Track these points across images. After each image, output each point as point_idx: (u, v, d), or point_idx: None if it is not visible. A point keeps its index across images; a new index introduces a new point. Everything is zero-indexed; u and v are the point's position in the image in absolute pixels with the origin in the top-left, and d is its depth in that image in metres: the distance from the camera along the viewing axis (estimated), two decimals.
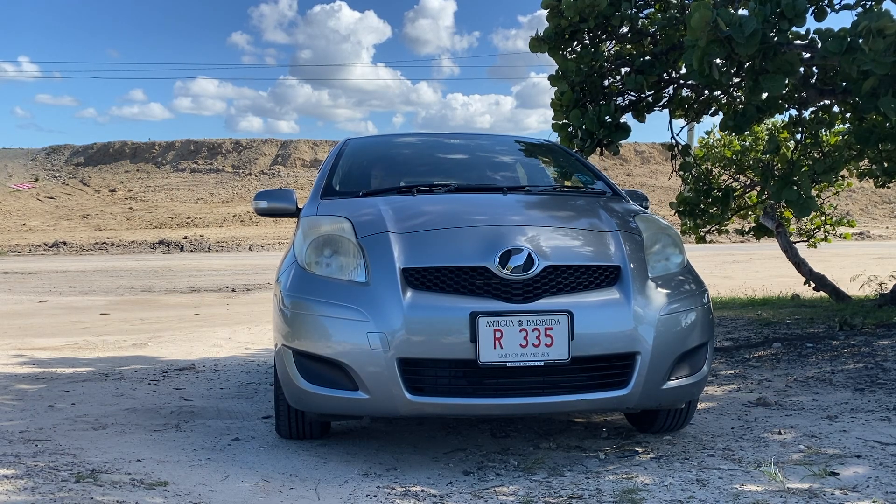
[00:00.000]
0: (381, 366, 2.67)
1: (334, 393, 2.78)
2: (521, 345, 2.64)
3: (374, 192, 3.54)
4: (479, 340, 2.63)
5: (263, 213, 3.74)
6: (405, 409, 2.70)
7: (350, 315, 2.74)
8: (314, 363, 2.82)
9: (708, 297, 3.12)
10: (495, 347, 2.63)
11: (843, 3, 4.44)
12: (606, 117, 5.17)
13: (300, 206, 3.70)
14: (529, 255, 2.77)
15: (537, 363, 2.65)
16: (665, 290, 2.92)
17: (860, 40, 3.85)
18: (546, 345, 2.65)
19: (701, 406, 3.84)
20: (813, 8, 4.37)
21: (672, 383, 2.87)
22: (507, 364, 2.64)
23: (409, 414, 2.72)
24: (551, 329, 2.66)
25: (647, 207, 3.82)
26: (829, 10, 4.42)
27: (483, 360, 2.63)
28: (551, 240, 2.93)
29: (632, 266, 2.90)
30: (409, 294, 2.73)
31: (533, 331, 2.65)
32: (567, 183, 4.13)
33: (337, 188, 3.68)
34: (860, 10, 4.37)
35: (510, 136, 4.63)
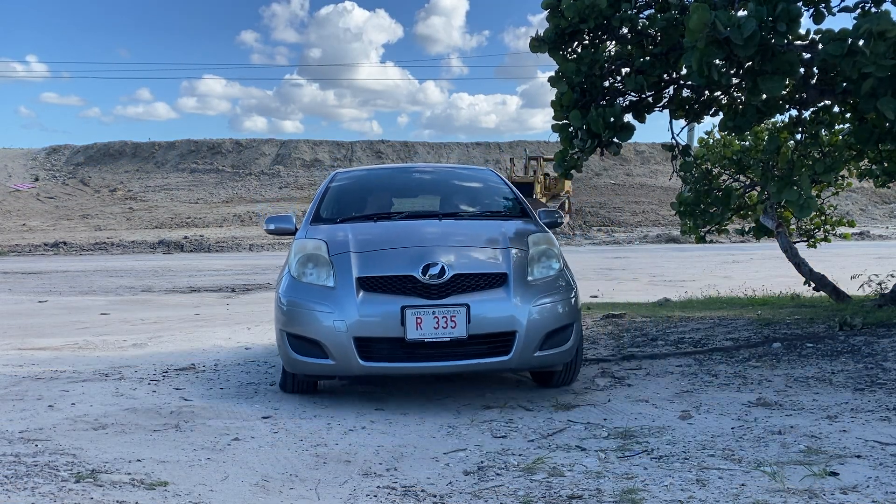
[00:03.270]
0: (343, 342, 3.89)
1: (313, 360, 4.02)
2: (434, 327, 3.83)
3: (348, 218, 4.79)
4: (406, 325, 3.83)
5: (272, 233, 5.01)
6: (358, 370, 3.92)
7: (323, 309, 3.98)
8: (300, 341, 4.05)
9: (575, 292, 4.31)
10: (417, 329, 3.83)
11: (841, 5, 4.44)
12: (611, 118, 5.17)
13: (298, 226, 4.94)
14: (443, 266, 3.96)
15: (445, 339, 3.84)
16: (538, 289, 4.11)
17: (861, 42, 3.85)
18: (451, 327, 3.84)
19: (701, 406, 3.85)
20: (812, 10, 4.38)
21: (542, 353, 4.03)
22: (426, 340, 3.84)
23: (362, 374, 3.96)
24: (455, 316, 3.85)
25: (561, 222, 5.06)
26: (826, 13, 4.42)
27: (409, 337, 3.83)
28: (460, 256, 4.13)
29: (516, 272, 4.09)
30: (361, 294, 3.97)
31: (443, 318, 3.84)
32: (492, 207, 5.14)
33: (323, 216, 4.91)
34: (858, 11, 4.37)
35: (460, 167, 6.37)
